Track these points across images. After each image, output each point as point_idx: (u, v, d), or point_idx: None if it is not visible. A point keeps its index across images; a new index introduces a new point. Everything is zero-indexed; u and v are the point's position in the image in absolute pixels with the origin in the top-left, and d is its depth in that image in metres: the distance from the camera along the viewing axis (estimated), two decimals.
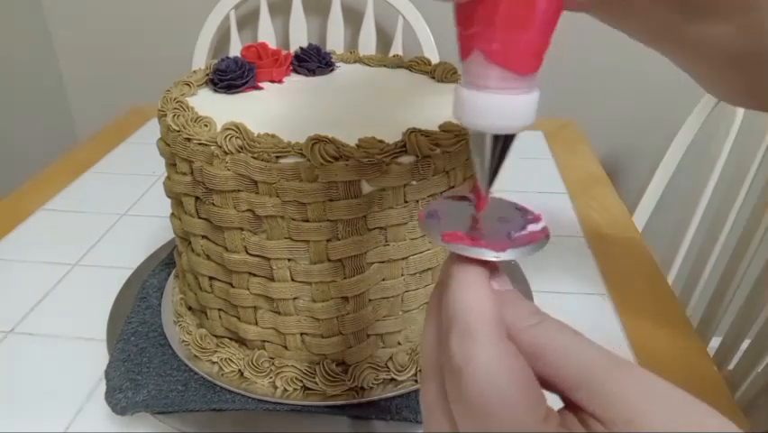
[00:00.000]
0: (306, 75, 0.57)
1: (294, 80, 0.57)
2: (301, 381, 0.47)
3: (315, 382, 0.47)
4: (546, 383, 0.22)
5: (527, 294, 0.59)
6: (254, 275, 0.45)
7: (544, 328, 0.23)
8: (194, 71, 0.56)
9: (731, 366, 0.86)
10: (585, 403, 0.21)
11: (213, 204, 0.44)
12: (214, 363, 0.50)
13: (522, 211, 0.28)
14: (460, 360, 0.22)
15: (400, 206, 0.43)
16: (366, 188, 0.41)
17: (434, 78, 0.56)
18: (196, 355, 0.50)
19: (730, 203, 0.94)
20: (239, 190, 0.42)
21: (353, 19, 1.42)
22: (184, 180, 0.46)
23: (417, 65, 0.58)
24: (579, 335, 0.23)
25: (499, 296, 0.24)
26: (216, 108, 0.48)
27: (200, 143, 0.43)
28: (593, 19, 0.32)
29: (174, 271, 0.60)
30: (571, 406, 0.22)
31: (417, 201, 0.43)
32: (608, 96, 1.41)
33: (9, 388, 0.53)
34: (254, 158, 0.41)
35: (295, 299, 0.45)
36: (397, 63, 0.60)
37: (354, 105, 0.51)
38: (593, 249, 0.72)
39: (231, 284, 0.47)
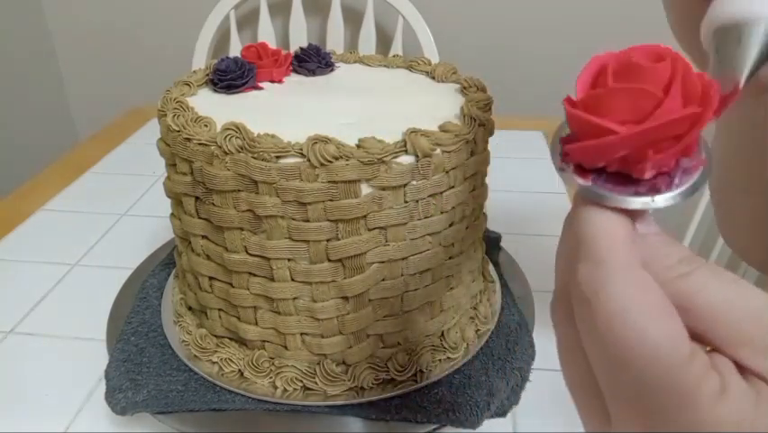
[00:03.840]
0: (306, 75, 0.57)
1: (294, 80, 0.57)
2: (301, 381, 0.47)
3: (315, 382, 0.47)
4: (700, 338, 0.20)
5: (527, 294, 0.59)
6: (254, 275, 0.45)
7: (695, 278, 0.20)
8: (194, 71, 0.56)
9: None
10: (749, 362, 0.19)
11: (213, 204, 0.44)
12: (214, 363, 0.50)
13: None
14: (587, 290, 0.20)
15: (400, 206, 0.43)
16: (366, 188, 0.41)
17: (434, 78, 0.56)
18: (196, 355, 0.50)
19: None
20: (239, 190, 0.43)
21: (353, 19, 1.42)
22: (184, 180, 0.46)
23: (417, 65, 0.58)
24: (738, 283, 0.20)
25: (644, 241, 0.21)
26: (216, 108, 0.48)
27: (200, 143, 0.43)
28: (594, 20, 0.32)
29: (174, 271, 0.60)
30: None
31: (417, 201, 0.43)
32: None
33: (9, 388, 0.53)
34: (254, 158, 0.41)
35: (295, 299, 0.45)
36: (397, 63, 0.60)
37: (354, 105, 0.51)
38: None
39: (231, 284, 0.47)
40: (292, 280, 0.45)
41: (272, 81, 0.55)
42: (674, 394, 0.18)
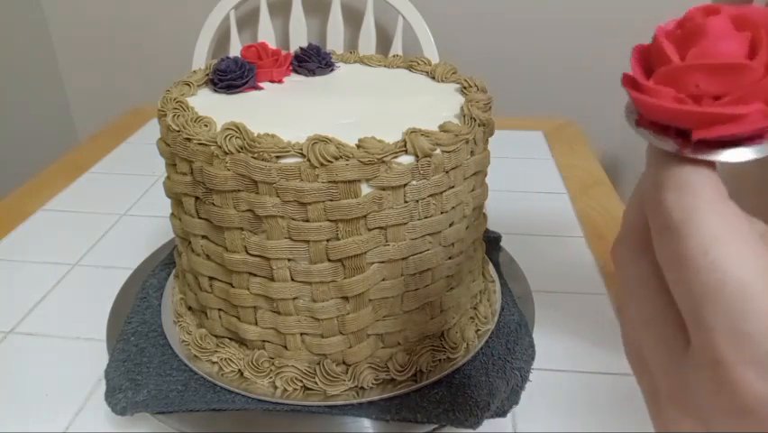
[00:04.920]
0: (306, 75, 0.57)
1: (294, 80, 0.57)
2: (301, 381, 0.47)
3: (315, 382, 0.47)
4: None
5: (527, 294, 0.59)
6: (254, 275, 0.45)
7: None
8: (194, 71, 0.56)
9: None
10: None
11: (213, 204, 0.44)
12: (214, 363, 0.50)
13: None
14: (677, 216, 0.19)
15: (400, 206, 0.43)
16: (366, 188, 0.41)
17: (434, 78, 0.56)
18: (196, 355, 0.50)
19: None
20: (239, 190, 0.43)
21: (353, 19, 1.42)
22: (184, 180, 0.46)
23: (417, 65, 0.58)
24: None
25: None
26: (216, 108, 0.48)
27: (200, 143, 0.43)
28: (593, 20, 0.32)
29: (174, 271, 0.60)
30: None
31: (417, 201, 0.43)
32: (608, 96, 1.41)
33: (9, 388, 0.53)
34: (254, 158, 0.41)
35: (295, 299, 0.45)
36: (397, 63, 0.60)
37: (354, 105, 0.51)
38: (593, 249, 0.72)
39: (231, 284, 0.47)
40: (292, 280, 0.45)
41: (272, 81, 0.55)
42: (765, 321, 0.18)
